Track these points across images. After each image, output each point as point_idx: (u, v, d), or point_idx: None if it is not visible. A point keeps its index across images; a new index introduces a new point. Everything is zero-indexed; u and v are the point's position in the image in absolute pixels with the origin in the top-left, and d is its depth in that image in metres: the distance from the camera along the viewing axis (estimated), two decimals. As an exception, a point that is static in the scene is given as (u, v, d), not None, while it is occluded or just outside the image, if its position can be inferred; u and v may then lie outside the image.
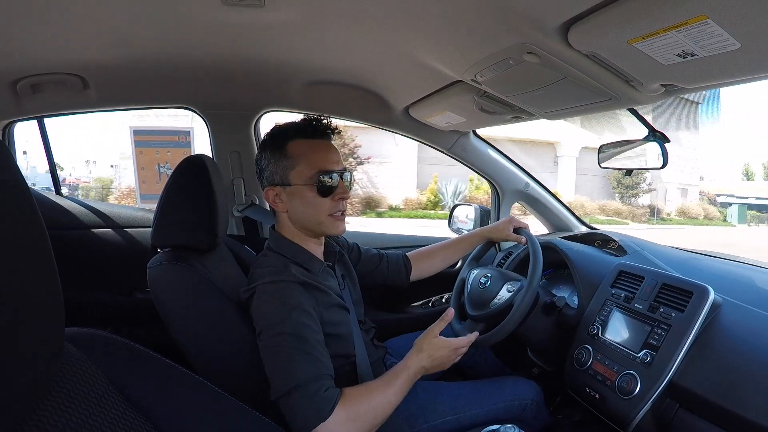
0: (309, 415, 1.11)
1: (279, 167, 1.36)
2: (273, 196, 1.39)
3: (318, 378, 1.16)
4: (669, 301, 1.40)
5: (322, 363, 1.20)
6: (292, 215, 1.40)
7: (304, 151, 1.36)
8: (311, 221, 1.40)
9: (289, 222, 1.42)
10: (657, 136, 1.67)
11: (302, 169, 1.35)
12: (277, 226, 1.47)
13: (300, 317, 1.22)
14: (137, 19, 1.36)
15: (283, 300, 1.24)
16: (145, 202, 3.32)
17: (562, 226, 2.63)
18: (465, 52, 1.34)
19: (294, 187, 1.36)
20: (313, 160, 1.36)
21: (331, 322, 1.35)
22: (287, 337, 1.19)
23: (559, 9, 0.98)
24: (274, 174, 1.37)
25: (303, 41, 1.53)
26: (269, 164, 1.38)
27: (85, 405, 0.62)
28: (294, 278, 1.30)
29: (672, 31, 0.87)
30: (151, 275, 1.34)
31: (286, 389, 1.14)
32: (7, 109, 2.01)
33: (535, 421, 1.60)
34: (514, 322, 1.52)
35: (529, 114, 1.77)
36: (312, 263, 1.41)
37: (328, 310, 1.36)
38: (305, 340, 1.19)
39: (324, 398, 1.14)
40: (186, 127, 3.42)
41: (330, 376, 1.20)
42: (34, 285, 0.53)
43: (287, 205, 1.39)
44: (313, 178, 1.35)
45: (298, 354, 1.17)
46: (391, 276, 1.84)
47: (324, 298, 1.36)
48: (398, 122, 2.30)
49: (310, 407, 1.12)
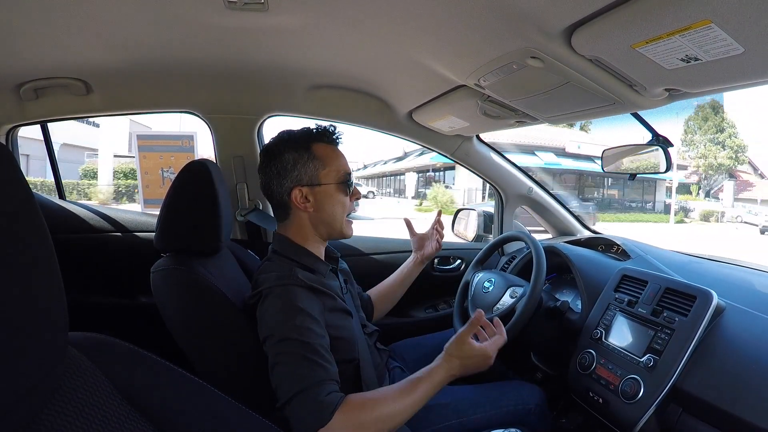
0: (310, 420, 1.11)
1: (308, 167, 1.41)
2: (300, 196, 1.41)
3: (321, 383, 1.15)
4: (672, 305, 1.40)
5: (326, 368, 1.19)
6: (317, 215, 1.44)
7: (329, 154, 1.45)
8: (335, 220, 1.46)
9: (306, 223, 1.45)
10: (661, 141, 1.66)
11: (331, 170, 1.43)
12: (284, 228, 1.48)
13: (305, 322, 1.23)
14: (141, 23, 1.36)
15: (289, 304, 1.25)
16: (149, 207, 3.32)
17: (565, 230, 2.63)
18: (468, 56, 1.34)
19: (324, 186, 1.43)
20: (338, 162, 1.46)
21: (335, 326, 1.35)
22: (292, 342, 1.19)
23: (563, 13, 0.98)
24: (302, 174, 1.41)
25: (306, 45, 1.53)
26: (297, 164, 1.41)
27: (89, 409, 0.62)
28: (301, 282, 1.30)
29: (675, 36, 0.87)
30: (154, 279, 1.34)
31: (288, 396, 1.14)
32: (11, 114, 2.02)
33: (538, 426, 1.59)
34: (516, 329, 1.53)
35: (532, 118, 1.77)
36: (317, 264, 1.43)
37: (332, 314, 1.36)
38: (310, 346, 1.19)
39: (324, 403, 1.13)
40: (189, 131, 3.42)
41: (335, 382, 1.20)
42: (37, 289, 0.53)
43: (314, 204, 1.43)
44: (341, 179, 1.44)
45: (302, 360, 1.17)
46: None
47: (329, 302, 1.36)
48: (402, 127, 2.30)
49: (311, 412, 1.12)
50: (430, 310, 2.48)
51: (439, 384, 1.28)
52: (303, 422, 1.11)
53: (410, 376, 1.29)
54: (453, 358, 1.30)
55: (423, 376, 1.28)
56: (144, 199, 3.28)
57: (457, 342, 1.31)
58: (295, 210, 1.44)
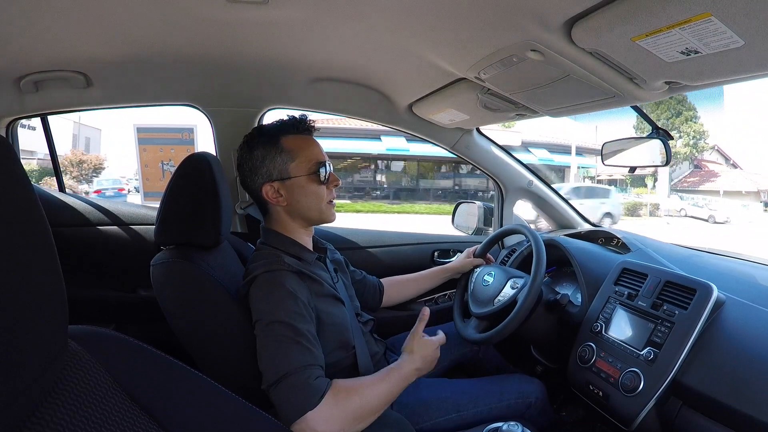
0: (297, 403, 1.11)
1: (276, 162, 1.41)
2: (272, 191, 1.42)
3: (308, 367, 1.17)
4: (672, 298, 1.40)
5: (313, 353, 1.21)
6: (293, 208, 1.44)
7: (299, 145, 1.43)
8: (313, 210, 1.46)
9: (284, 216, 1.46)
10: (660, 134, 1.66)
11: (301, 162, 1.42)
12: (268, 222, 1.50)
13: (293, 306, 1.24)
14: (141, 16, 1.36)
15: (277, 288, 1.27)
16: (149, 200, 3.32)
17: (565, 223, 2.63)
18: (469, 49, 1.34)
19: (295, 179, 1.41)
20: (309, 152, 1.44)
21: (326, 312, 1.37)
22: (280, 325, 1.20)
23: (563, 6, 0.97)
24: (271, 169, 1.41)
25: (306, 38, 1.53)
26: (264, 160, 1.41)
27: (88, 402, 0.62)
28: (288, 267, 1.32)
29: (676, 29, 0.87)
30: (154, 272, 1.34)
31: (276, 377, 1.14)
32: (11, 107, 2.02)
33: (538, 419, 1.60)
34: (517, 320, 1.53)
35: (532, 111, 1.76)
36: (304, 253, 1.44)
37: (321, 299, 1.38)
38: (297, 330, 1.21)
39: (313, 387, 1.14)
40: (189, 124, 3.42)
41: (320, 367, 1.21)
42: (37, 282, 0.53)
43: (287, 198, 1.42)
44: (312, 169, 1.42)
45: (289, 343, 1.19)
46: (366, 297, 1.87)
47: (317, 288, 1.38)
48: (402, 120, 2.30)
49: (299, 395, 1.12)
50: (431, 304, 2.48)
51: (407, 375, 1.33)
52: (291, 405, 1.12)
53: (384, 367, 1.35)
54: (413, 351, 1.38)
55: (394, 366, 1.35)
56: (144, 192, 3.28)
57: (413, 337, 1.42)
58: (271, 205, 1.45)
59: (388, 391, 1.27)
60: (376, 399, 1.23)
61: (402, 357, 1.37)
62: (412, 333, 1.42)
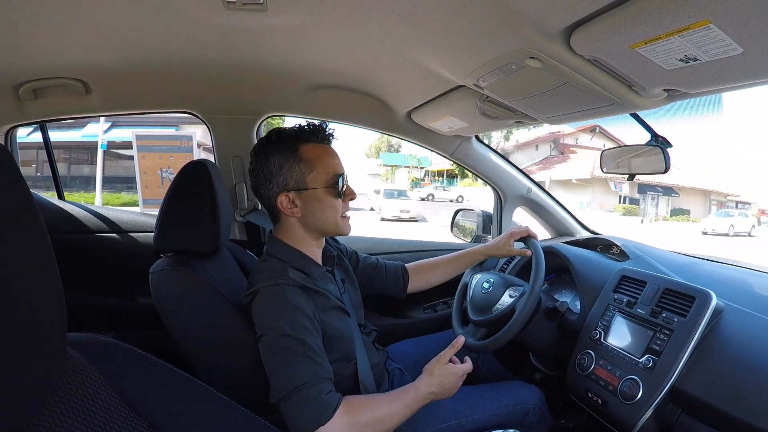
0: (309, 418, 1.11)
1: (294, 171, 1.35)
2: (287, 202, 1.36)
3: (319, 381, 1.16)
4: (671, 306, 1.40)
5: (322, 366, 1.20)
6: (307, 220, 1.39)
7: (318, 155, 1.37)
8: (328, 224, 1.41)
9: (297, 227, 1.41)
10: (660, 141, 1.66)
11: (319, 173, 1.36)
12: (277, 231, 1.45)
13: (300, 320, 1.23)
14: (139, 23, 1.36)
15: (283, 303, 1.24)
16: (148, 207, 3.32)
17: (564, 230, 2.63)
18: (467, 56, 1.34)
19: (312, 191, 1.36)
20: (328, 163, 1.37)
21: (331, 325, 1.35)
22: (288, 339, 1.19)
23: (562, 14, 0.98)
24: (288, 179, 1.35)
25: (305, 45, 1.53)
26: (282, 168, 1.35)
27: (87, 410, 0.62)
28: (293, 282, 1.29)
29: (675, 36, 0.87)
30: (153, 280, 1.34)
31: (286, 392, 1.14)
32: (10, 114, 2.02)
33: (537, 427, 1.59)
34: (516, 328, 1.53)
35: (531, 119, 1.77)
36: (311, 267, 1.41)
37: (327, 313, 1.36)
38: (305, 344, 1.20)
39: (325, 402, 1.14)
40: (188, 132, 3.43)
41: (330, 380, 1.21)
42: (36, 290, 0.53)
43: (302, 210, 1.37)
44: (330, 181, 1.37)
45: (299, 357, 1.18)
46: (388, 286, 1.83)
47: (323, 302, 1.36)
48: (401, 127, 2.30)
49: (311, 410, 1.12)
50: (429, 311, 2.48)
51: (422, 397, 1.31)
52: (302, 420, 1.12)
53: (399, 388, 1.33)
54: (433, 375, 1.34)
55: (410, 386, 1.32)
56: (143, 199, 3.28)
57: (438, 362, 1.36)
58: (284, 215, 1.40)
59: (401, 412, 1.25)
60: (389, 418, 1.23)
61: (421, 377, 1.34)
62: (438, 357, 1.37)
